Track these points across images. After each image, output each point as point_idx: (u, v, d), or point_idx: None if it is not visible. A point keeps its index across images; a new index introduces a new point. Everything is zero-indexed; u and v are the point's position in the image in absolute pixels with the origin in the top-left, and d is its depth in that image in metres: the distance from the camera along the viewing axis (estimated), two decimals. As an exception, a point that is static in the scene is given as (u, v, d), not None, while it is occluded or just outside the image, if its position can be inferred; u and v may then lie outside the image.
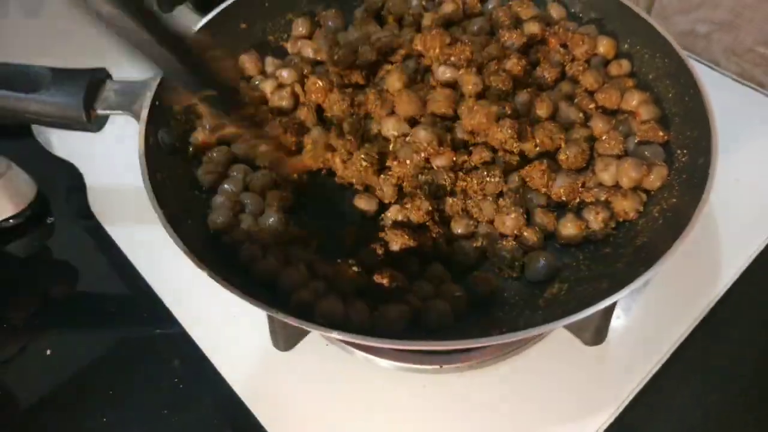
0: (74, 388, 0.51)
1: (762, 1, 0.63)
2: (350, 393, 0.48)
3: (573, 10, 0.62)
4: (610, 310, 0.44)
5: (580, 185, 0.51)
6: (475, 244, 0.49)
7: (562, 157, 0.51)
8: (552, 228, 0.49)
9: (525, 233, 0.48)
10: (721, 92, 0.67)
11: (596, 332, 0.46)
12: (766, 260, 0.54)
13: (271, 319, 0.45)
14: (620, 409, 0.47)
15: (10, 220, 0.60)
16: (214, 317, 0.52)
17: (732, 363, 0.50)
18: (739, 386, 0.49)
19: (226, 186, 0.51)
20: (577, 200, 0.51)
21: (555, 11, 0.61)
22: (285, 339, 0.46)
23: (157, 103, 0.50)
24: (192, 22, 0.65)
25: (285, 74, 0.58)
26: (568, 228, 0.48)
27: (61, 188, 0.64)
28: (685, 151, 0.49)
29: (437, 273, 0.47)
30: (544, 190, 0.50)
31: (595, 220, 0.48)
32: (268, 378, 0.49)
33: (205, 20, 0.57)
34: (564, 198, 0.50)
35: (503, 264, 0.47)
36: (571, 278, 0.47)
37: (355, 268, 0.45)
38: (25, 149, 0.66)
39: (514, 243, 0.48)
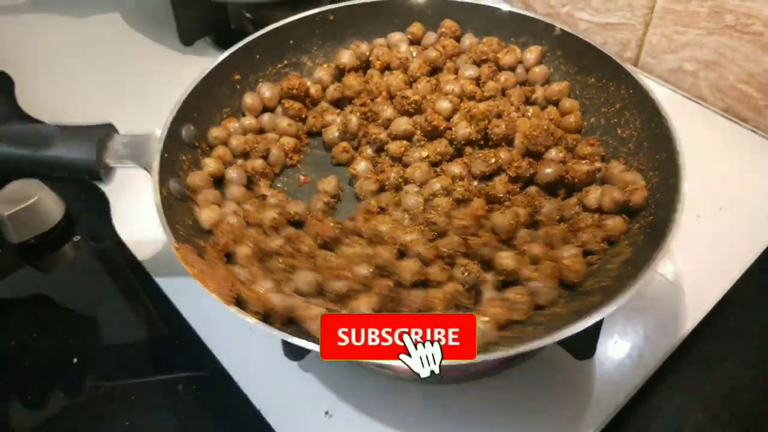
0: (97, 400, 0.52)
1: (742, 42, 0.68)
2: (352, 401, 0.50)
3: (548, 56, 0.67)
4: (599, 323, 0.47)
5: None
6: None
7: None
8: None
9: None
10: (707, 127, 0.72)
11: (586, 346, 0.48)
12: (749, 281, 0.58)
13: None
14: (608, 421, 0.49)
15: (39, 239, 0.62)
16: (229, 327, 0.54)
17: (717, 378, 0.53)
18: (724, 402, 0.51)
19: None
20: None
21: (533, 54, 0.65)
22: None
23: (165, 155, 0.53)
24: (211, 56, 0.69)
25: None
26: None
27: (87, 210, 0.67)
28: (656, 173, 0.53)
29: None
30: None
31: (594, 241, 0.51)
32: (282, 386, 0.51)
33: (203, 74, 0.60)
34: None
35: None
36: (566, 294, 0.50)
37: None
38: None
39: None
